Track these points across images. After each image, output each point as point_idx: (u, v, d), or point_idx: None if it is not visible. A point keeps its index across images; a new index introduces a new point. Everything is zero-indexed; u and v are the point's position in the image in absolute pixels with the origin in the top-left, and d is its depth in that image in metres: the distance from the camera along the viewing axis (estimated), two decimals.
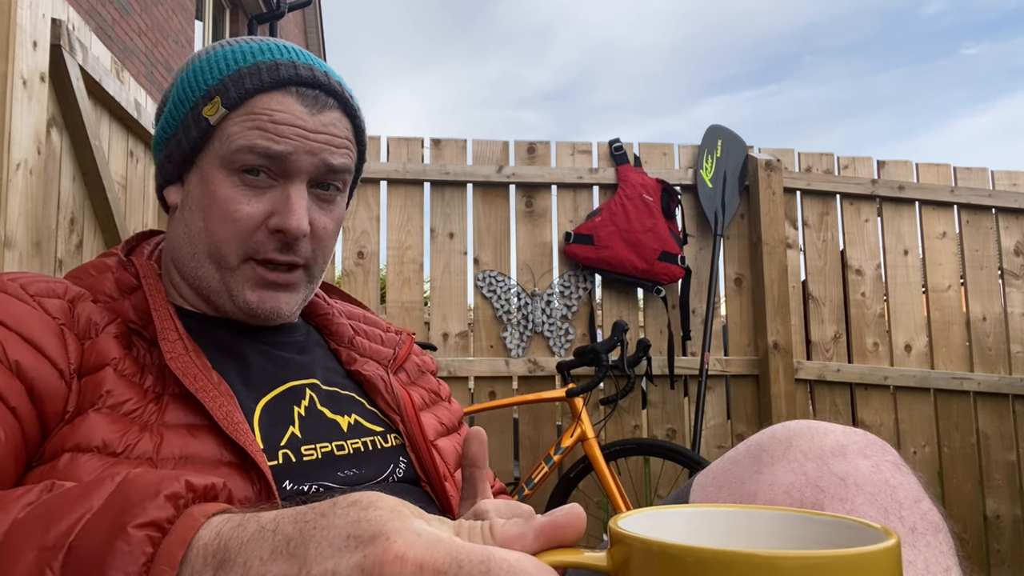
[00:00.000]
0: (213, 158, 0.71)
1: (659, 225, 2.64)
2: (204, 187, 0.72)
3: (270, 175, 0.71)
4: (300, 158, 0.70)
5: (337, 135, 0.73)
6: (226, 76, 0.71)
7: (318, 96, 0.72)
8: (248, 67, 0.71)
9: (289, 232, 0.70)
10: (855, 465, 0.62)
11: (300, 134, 0.70)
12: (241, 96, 0.70)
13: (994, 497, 2.82)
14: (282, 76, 0.70)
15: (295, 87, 0.71)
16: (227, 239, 0.71)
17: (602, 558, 0.40)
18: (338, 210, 0.77)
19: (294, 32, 10.97)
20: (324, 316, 0.87)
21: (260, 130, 0.69)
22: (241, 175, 0.70)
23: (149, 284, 0.71)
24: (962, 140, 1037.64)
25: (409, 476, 0.74)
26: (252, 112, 0.70)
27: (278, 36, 8.98)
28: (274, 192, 0.71)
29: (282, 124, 0.69)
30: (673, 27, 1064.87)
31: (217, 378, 0.66)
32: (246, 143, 0.69)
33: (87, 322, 0.65)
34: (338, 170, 0.73)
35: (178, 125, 0.74)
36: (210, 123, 0.70)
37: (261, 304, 0.72)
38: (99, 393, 0.61)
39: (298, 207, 0.70)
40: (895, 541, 0.35)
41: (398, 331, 0.92)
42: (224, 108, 0.70)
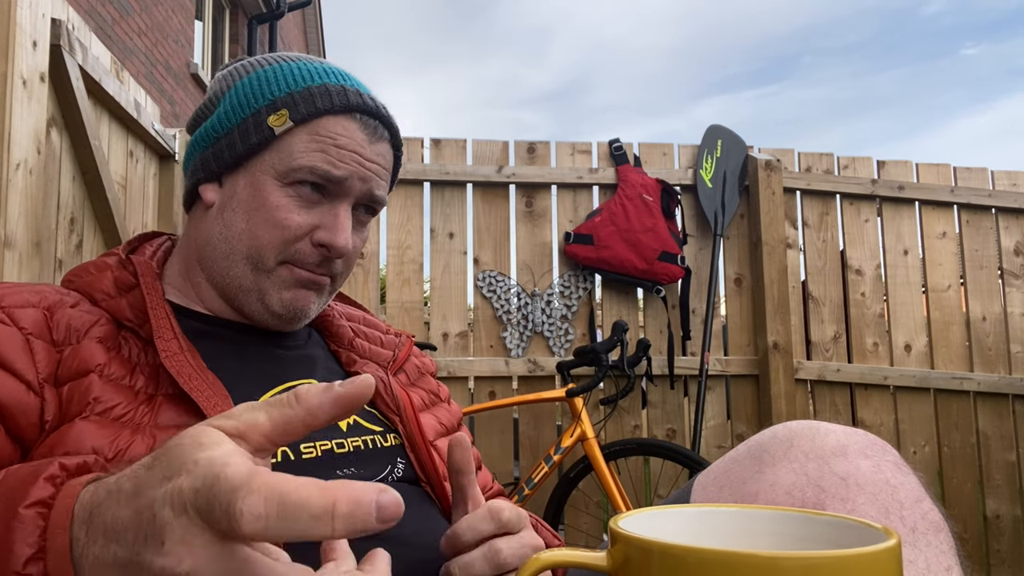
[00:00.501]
0: (268, 166, 0.73)
1: (659, 225, 2.64)
2: (254, 191, 0.74)
3: (322, 192, 0.74)
4: (354, 183, 0.74)
5: (385, 166, 0.77)
6: (295, 91, 0.74)
7: (377, 127, 0.76)
8: (317, 87, 0.74)
9: (335, 249, 0.73)
10: (856, 465, 0.62)
11: (358, 160, 0.74)
12: (311, 114, 0.73)
13: (994, 497, 2.82)
14: (351, 103, 0.74)
15: (360, 115, 0.75)
16: (270, 244, 0.73)
17: (602, 558, 0.40)
18: (366, 233, 0.82)
19: (294, 32, 10.96)
20: (324, 318, 0.87)
21: (324, 152, 0.72)
22: (295, 187, 0.73)
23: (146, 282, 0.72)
24: (962, 140, 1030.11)
25: (408, 476, 0.74)
26: (318, 133, 0.73)
27: (278, 36, 8.98)
28: (322, 208, 0.74)
29: (344, 149, 0.73)
30: (673, 27, 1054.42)
31: (212, 377, 0.66)
32: (308, 163, 0.72)
33: (67, 328, 0.65)
34: (379, 200, 0.78)
35: (234, 127, 0.75)
36: (274, 133, 0.73)
37: (295, 302, 0.75)
38: (86, 400, 0.61)
39: (346, 226, 0.74)
40: (895, 541, 0.35)
41: (397, 333, 0.93)
42: (291, 121, 0.73)
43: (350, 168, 0.73)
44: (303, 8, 9.98)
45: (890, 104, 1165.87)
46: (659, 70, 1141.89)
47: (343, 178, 0.73)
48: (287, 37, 10.20)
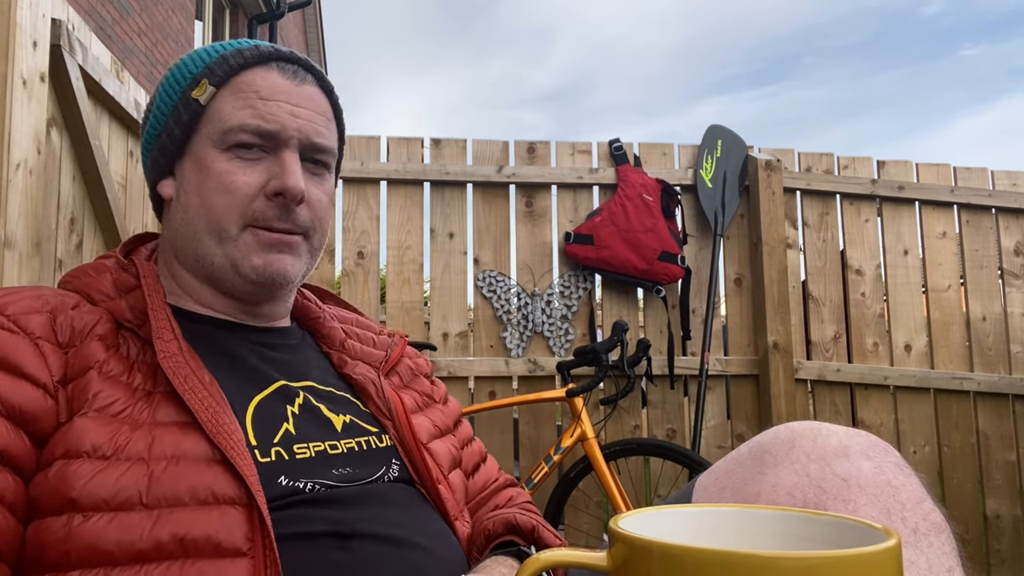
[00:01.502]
0: (205, 140, 0.74)
1: (659, 225, 2.64)
2: (199, 167, 0.74)
3: (262, 148, 0.74)
4: (289, 133, 0.74)
5: (318, 111, 0.77)
6: (210, 62, 0.75)
7: (297, 70, 0.76)
8: (230, 51, 0.76)
9: (289, 191, 0.72)
10: (858, 466, 0.62)
11: (287, 109, 0.74)
12: (227, 73, 0.74)
13: (994, 497, 2.82)
14: (263, 52, 0.76)
15: (275, 62, 0.76)
16: (226, 210, 0.72)
17: (602, 558, 0.40)
18: (328, 185, 0.80)
19: (294, 32, 10.97)
20: (316, 320, 0.87)
21: (251, 108, 0.73)
22: (235, 150, 0.73)
23: (148, 284, 0.72)
24: (961, 141, 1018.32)
25: (403, 477, 0.74)
26: (239, 90, 0.74)
27: (278, 36, 8.98)
28: (268, 162, 0.74)
29: (270, 100, 0.73)
30: (673, 28, 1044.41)
31: (209, 378, 0.66)
32: (238, 123, 0.72)
33: (70, 330, 0.65)
34: (321, 148, 0.77)
35: (168, 117, 0.76)
36: (200, 103, 0.74)
37: (268, 267, 0.74)
38: (85, 397, 0.61)
39: (294, 169, 0.73)
40: (896, 541, 0.35)
41: (390, 334, 0.93)
42: (212, 87, 0.74)
43: (281, 118, 0.73)
44: (303, 8, 9.98)
45: (890, 104, 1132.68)
46: (659, 70, 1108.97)
47: (276, 130, 0.73)
48: (287, 37, 10.20)
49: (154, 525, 0.56)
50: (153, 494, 0.57)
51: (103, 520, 0.56)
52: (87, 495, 0.56)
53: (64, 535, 0.55)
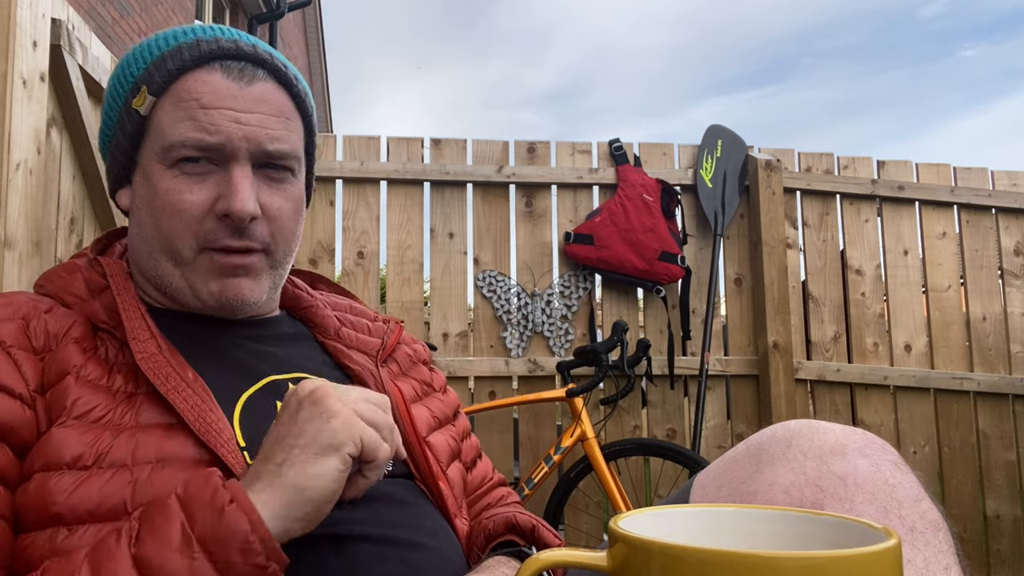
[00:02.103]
0: (151, 153, 0.69)
1: (659, 225, 2.64)
2: (147, 183, 0.69)
3: (210, 161, 0.68)
4: (236, 144, 0.67)
5: (272, 113, 0.69)
6: (150, 63, 0.69)
7: (244, 68, 0.69)
8: (171, 50, 0.68)
9: (235, 214, 0.67)
10: (854, 464, 0.62)
11: (232, 116, 0.67)
12: (165, 79, 0.67)
13: (994, 497, 2.82)
14: (203, 51, 0.68)
15: (218, 61, 0.68)
16: (177, 232, 0.68)
17: (602, 558, 0.40)
18: (293, 190, 0.73)
19: (294, 32, 10.97)
20: (308, 309, 0.84)
21: (192, 120, 0.66)
22: (180, 165, 0.67)
23: (117, 283, 0.70)
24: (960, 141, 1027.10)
25: (400, 470, 0.73)
26: (180, 98, 0.67)
27: (278, 36, 8.98)
28: (217, 176, 0.68)
29: (212, 108, 0.66)
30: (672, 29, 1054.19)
31: (192, 375, 0.64)
32: (179, 138, 0.66)
33: (44, 334, 0.64)
34: (276, 156, 0.70)
35: (115, 125, 0.72)
36: (140, 114, 0.68)
37: (224, 293, 0.70)
38: (63, 405, 0.60)
39: (241, 188, 0.67)
40: (896, 542, 0.35)
41: (386, 320, 0.89)
42: (151, 96, 0.68)
43: (226, 129, 0.66)
44: (303, 8, 9.98)
45: (889, 105, 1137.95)
46: (659, 71, 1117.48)
47: (220, 144, 0.66)
48: (287, 37, 10.20)
49: None
50: (137, 503, 0.56)
51: (89, 533, 0.55)
52: (71, 509, 0.55)
53: (50, 551, 0.54)
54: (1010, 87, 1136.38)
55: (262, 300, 0.73)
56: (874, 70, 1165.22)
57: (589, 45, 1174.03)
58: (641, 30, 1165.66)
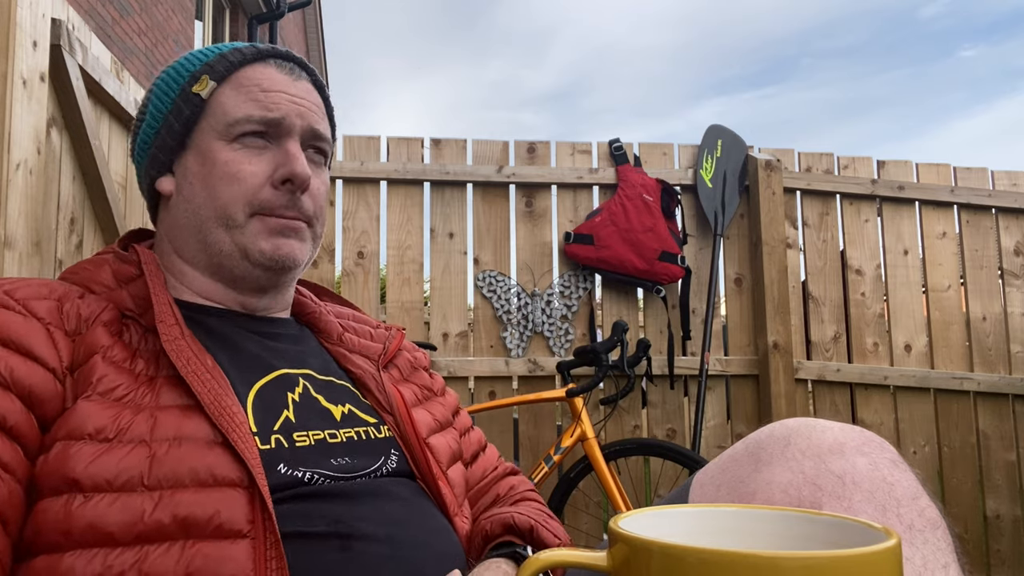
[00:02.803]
0: (209, 132, 0.76)
1: (659, 225, 2.64)
2: (203, 159, 0.76)
3: (267, 138, 0.76)
4: (292, 120, 0.76)
5: (314, 103, 0.80)
6: (210, 59, 0.78)
7: (293, 68, 0.80)
8: (228, 51, 0.78)
9: (297, 178, 0.74)
10: (852, 463, 0.62)
11: (288, 99, 0.77)
12: (228, 69, 0.77)
13: (994, 497, 2.82)
14: (262, 50, 0.79)
15: (273, 59, 0.79)
16: (233, 199, 0.74)
17: (602, 558, 0.40)
18: (325, 176, 0.83)
19: (294, 32, 10.97)
20: (312, 314, 0.87)
21: (254, 100, 0.75)
22: (240, 140, 0.75)
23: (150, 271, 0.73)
24: (960, 142, 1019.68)
25: (402, 468, 0.74)
26: (241, 84, 0.76)
27: (278, 36, 8.98)
28: (272, 151, 0.76)
29: (271, 91, 0.76)
30: (672, 30, 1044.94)
31: (211, 363, 0.67)
32: (244, 113, 0.75)
33: (76, 318, 0.66)
34: (321, 136, 0.80)
35: (167, 113, 0.78)
36: (202, 98, 0.76)
37: (277, 251, 0.75)
38: (89, 381, 0.62)
39: (300, 156, 0.76)
40: (896, 541, 0.35)
41: (388, 327, 0.93)
42: (213, 82, 0.76)
43: (284, 107, 0.76)
44: (303, 8, 9.98)
45: (888, 106, 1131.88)
46: (659, 72, 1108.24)
47: (280, 118, 0.75)
48: (287, 37, 10.20)
49: (155, 507, 0.57)
50: (154, 476, 0.58)
51: (104, 501, 0.56)
52: (89, 476, 0.57)
53: (63, 515, 0.56)
54: (1010, 87, 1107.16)
55: (304, 263, 0.80)
56: (874, 70, 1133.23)
57: (589, 46, 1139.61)
58: (641, 31, 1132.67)
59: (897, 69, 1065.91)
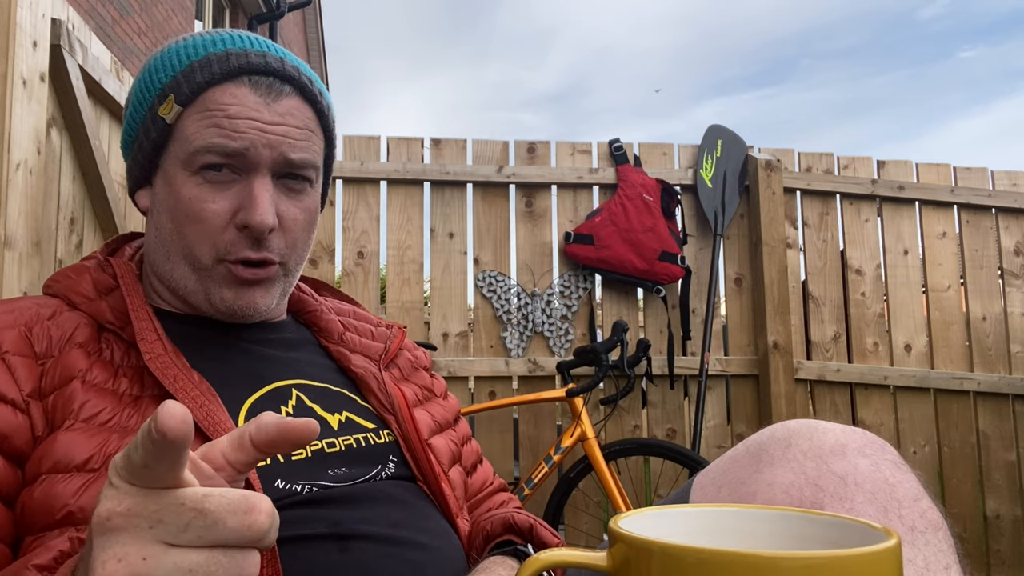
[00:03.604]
0: (174, 159, 0.70)
1: (659, 225, 2.64)
2: (169, 188, 0.71)
3: (232, 170, 0.69)
4: (259, 152, 0.69)
5: (296, 125, 0.71)
6: (179, 72, 0.70)
7: (272, 84, 0.70)
8: (199, 60, 0.70)
9: (254, 227, 0.69)
10: (854, 464, 0.62)
11: (256, 127, 0.69)
12: (193, 91, 0.69)
13: (994, 497, 2.82)
14: (232, 66, 0.69)
15: (247, 76, 0.70)
16: (198, 240, 0.70)
17: (602, 558, 0.40)
18: (308, 200, 0.75)
19: (294, 32, 10.97)
20: (313, 313, 0.85)
21: (217, 127, 0.68)
22: (203, 172, 0.69)
23: (127, 284, 0.71)
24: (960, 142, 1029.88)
25: (401, 473, 0.73)
26: (207, 108, 0.69)
27: (278, 36, 8.98)
28: (238, 186, 0.70)
29: (237, 118, 0.68)
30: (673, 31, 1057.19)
31: (198, 378, 0.65)
32: (203, 143, 0.68)
33: (47, 340, 0.64)
34: (298, 164, 0.72)
35: (139, 127, 0.73)
36: (166, 122, 0.70)
37: (237, 300, 0.71)
38: (70, 409, 0.60)
39: (261, 201, 0.69)
40: (896, 541, 0.35)
41: (389, 325, 0.91)
42: (178, 105, 0.69)
43: (250, 136, 0.68)
44: (303, 8, 9.98)
45: (888, 106, 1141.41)
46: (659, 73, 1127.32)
47: (243, 149, 0.68)
48: (287, 37, 10.20)
49: None
50: None
51: None
52: (80, 508, 0.56)
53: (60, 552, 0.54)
54: (1009, 88, 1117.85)
55: (270, 307, 0.75)
56: (873, 71, 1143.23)
57: (589, 47, 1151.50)
58: (641, 32, 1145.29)
59: (896, 70, 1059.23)
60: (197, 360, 0.68)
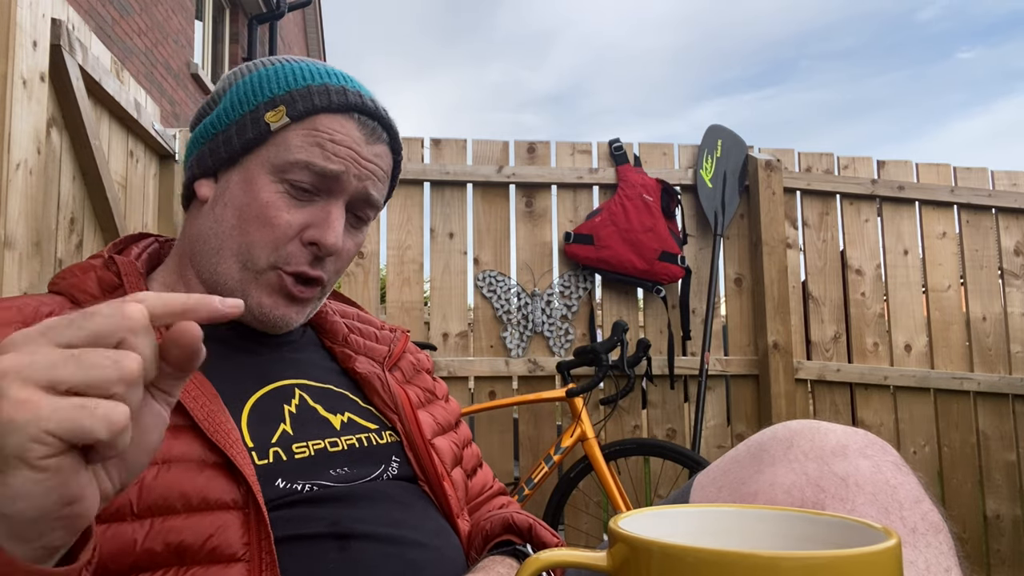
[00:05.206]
0: (263, 162, 0.73)
1: (659, 225, 2.64)
2: (246, 187, 0.73)
3: (316, 192, 0.73)
4: (349, 180, 0.73)
5: (382, 168, 0.77)
6: (294, 89, 0.74)
7: (376, 128, 0.76)
8: (318, 86, 0.74)
9: (325, 247, 0.72)
10: (856, 465, 0.62)
11: (353, 157, 0.73)
12: (308, 111, 0.73)
13: (994, 497, 2.82)
14: (350, 102, 0.74)
15: (358, 114, 0.75)
16: (261, 242, 0.72)
17: (602, 558, 0.40)
18: (361, 236, 0.80)
19: (294, 32, 10.97)
20: (318, 314, 0.86)
21: (320, 148, 0.72)
22: (288, 184, 0.72)
23: (130, 282, 0.71)
24: (959, 143, 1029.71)
25: (404, 473, 0.74)
26: (315, 128, 0.73)
27: (278, 36, 8.98)
28: (315, 207, 0.73)
29: (340, 145, 0.73)
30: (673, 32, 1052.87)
31: (200, 377, 0.65)
32: (304, 158, 0.72)
33: None
34: (373, 203, 0.77)
35: (232, 123, 0.75)
36: (270, 128, 0.73)
37: (275, 310, 0.73)
38: None
39: (337, 224, 0.73)
40: (896, 542, 0.35)
41: (392, 328, 0.92)
42: (288, 118, 0.72)
43: (345, 163, 0.72)
44: (303, 8, 9.98)
45: (887, 107, 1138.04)
46: (659, 74, 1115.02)
47: (338, 172, 0.72)
48: (287, 37, 10.20)
49: (146, 535, 0.55)
50: (144, 502, 0.57)
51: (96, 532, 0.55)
52: None
53: None
54: (1008, 89, 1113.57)
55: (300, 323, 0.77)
56: (873, 72, 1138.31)
57: (590, 48, 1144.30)
58: (641, 33, 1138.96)
59: (896, 71, 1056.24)
60: None
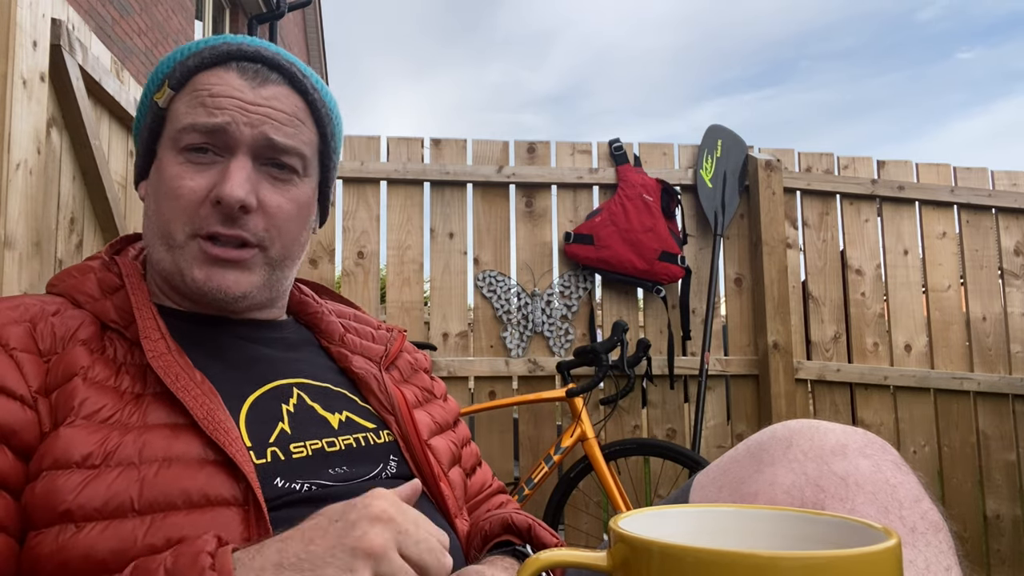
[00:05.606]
0: (166, 142, 0.73)
1: (659, 225, 2.64)
2: (158, 171, 0.73)
3: (215, 152, 0.71)
4: (239, 129, 0.70)
5: (281, 109, 0.72)
6: (176, 63, 0.74)
7: (259, 70, 0.73)
8: (195, 51, 0.73)
9: (224, 199, 0.68)
10: (855, 464, 0.62)
11: (238, 105, 0.70)
12: (184, 76, 0.72)
13: (994, 497, 2.82)
14: (221, 52, 0.72)
15: (235, 62, 0.72)
16: (173, 216, 0.70)
17: (602, 558, 0.40)
18: (296, 191, 0.74)
19: (294, 32, 10.97)
20: (314, 314, 0.86)
21: (202, 106, 0.70)
22: (187, 153, 0.71)
23: (132, 283, 0.71)
24: (959, 143, 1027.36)
25: (402, 473, 0.74)
26: (194, 90, 0.71)
27: (278, 36, 8.98)
28: (219, 167, 0.71)
29: (220, 96, 0.70)
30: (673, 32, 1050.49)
31: (200, 377, 0.65)
32: (188, 121, 0.70)
33: (51, 337, 0.64)
34: (280, 148, 0.72)
35: (142, 120, 0.77)
36: (160, 107, 0.73)
37: (208, 282, 0.70)
38: (71, 406, 0.60)
39: (236, 176, 0.69)
40: (896, 541, 0.35)
41: (389, 328, 0.92)
42: (171, 90, 0.72)
43: (231, 113, 0.69)
44: (303, 8, 9.98)
45: (887, 107, 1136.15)
46: (659, 74, 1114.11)
47: (224, 124, 0.69)
48: (287, 37, 10.20)
49: (147, 531, 0.56)
50: (145, 499, 0.57)
51: (96, 529, 0.55)
52: (79, 505, 0.56)
53: (57, 547, 0.55)
54: (1007, 89, 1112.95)
55: (250, 294, 0.73)
56: (872, 72, 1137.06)
57: (590, 48, 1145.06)
58: (641, 33, 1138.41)
59: (895, 71, 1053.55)
60: (199, 358, 0.69)
